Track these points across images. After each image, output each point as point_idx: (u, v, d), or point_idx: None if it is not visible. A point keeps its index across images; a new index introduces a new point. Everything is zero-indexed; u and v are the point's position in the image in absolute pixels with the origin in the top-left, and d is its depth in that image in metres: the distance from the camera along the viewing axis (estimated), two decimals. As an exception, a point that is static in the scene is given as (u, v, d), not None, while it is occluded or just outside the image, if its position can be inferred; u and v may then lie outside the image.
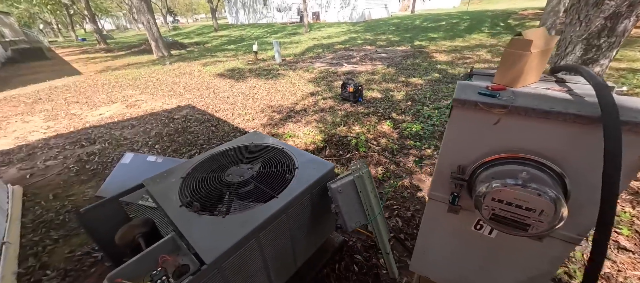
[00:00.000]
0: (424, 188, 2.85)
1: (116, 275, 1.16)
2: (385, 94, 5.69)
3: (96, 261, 2.22)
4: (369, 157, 3.45)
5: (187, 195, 1.56)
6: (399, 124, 4.30)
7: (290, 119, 4.79)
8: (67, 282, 2.06)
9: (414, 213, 2.50)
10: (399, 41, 12.63)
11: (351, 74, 7.42)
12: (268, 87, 6.78)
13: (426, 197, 2.66)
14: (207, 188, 1.61)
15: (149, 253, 1.26)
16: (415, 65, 8.01)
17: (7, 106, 6.40)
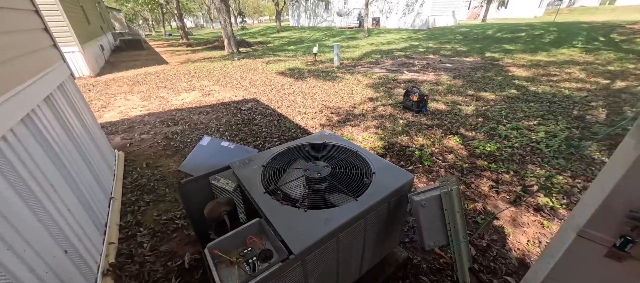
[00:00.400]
0: (501, 217, 2.52)
1: (214, 246, 1.27)
2: (452, 107, 5.26)
3: (177, 227, 2.50)
4: (435, 171, 3.21)
5: (270, 183, 1.65)
6: (468, 140, 3.91)
7: (348, 122, 4.77)
8: (154, 240, 2.37)
9: (490, 244, 2.22)
10: (467, 51, 11.61)
11: (413, 83, 7.07)
12: (326, 88, 6.89)
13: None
14: (288, 179, 1.67)
15: (240, 232, 1.35)
16: (486, 78, 7.25)
17: (114, 85, 7.78)
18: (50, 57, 2.57)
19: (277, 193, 1.54)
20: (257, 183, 1.65)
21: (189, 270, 2.09)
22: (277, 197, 1.51)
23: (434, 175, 3.14)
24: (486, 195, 2.81)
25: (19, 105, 1.66)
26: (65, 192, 1.85)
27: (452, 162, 3.40)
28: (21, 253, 1.24)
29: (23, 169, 1.48)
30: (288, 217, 1.36)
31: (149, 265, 2.14)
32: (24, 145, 1.57)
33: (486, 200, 2.73)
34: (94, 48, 11.05)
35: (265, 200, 1.49)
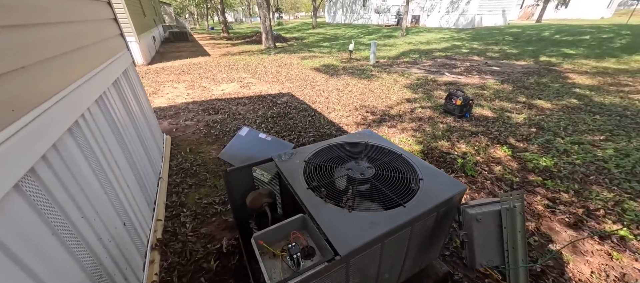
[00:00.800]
0: (557, 240, 2.25)
1: (259, 236, 1.29)
2: (499, 114, 4.83)
3: (216, 212, 2.63)
4: (479, 182, 2.97)
5: (312, 179, 1.63)
6: (519, 152, 3.56)
7: (384, 122, 4.62)
8: (196, 222, 2.51)
9: (545, 269, 1.99)
10: (518, 54, 10.61)
11: (455, 86, 6.64)
12: (361, 86, 6.76)
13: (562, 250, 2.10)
14: (331, 177, 1.65)
15: (283, 226, 1.36)
16: (541, 84, 6.55)
17: (163, 74, 8.43)
18: (118, 45, 2.82)
19: (320, 190, 1.52)
20: (299, 178, 1.64)
21: (226, 254, 2.18)
22: (320, 194, 1.49)
23: (479, 187, 2.91)
24: (540, 214, 2.53)
25: (95, 87, 1.84)
26: (125, 169, 2.03)
27: (499, 174, 3.12)
28: (92, 221, 1.37)
29: (95, 145, 1.64)
30: (332, 216, 1.33)
31: (191, 245, 2.27)
32: (97, 123, 1.74)
33: (540, 220, 2.46)
34: (148, 39, 12.06)
35: (308, 196, 1.47)
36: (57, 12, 1.60)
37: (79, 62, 1.76)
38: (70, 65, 1.62)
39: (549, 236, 2.30)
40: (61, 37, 1.60)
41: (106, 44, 2.40)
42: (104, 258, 1.41)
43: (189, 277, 2.01)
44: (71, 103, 1.47)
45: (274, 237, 1.35)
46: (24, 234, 0.94)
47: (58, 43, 1.53)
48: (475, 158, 3.44)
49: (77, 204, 1.29)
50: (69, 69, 1.60)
